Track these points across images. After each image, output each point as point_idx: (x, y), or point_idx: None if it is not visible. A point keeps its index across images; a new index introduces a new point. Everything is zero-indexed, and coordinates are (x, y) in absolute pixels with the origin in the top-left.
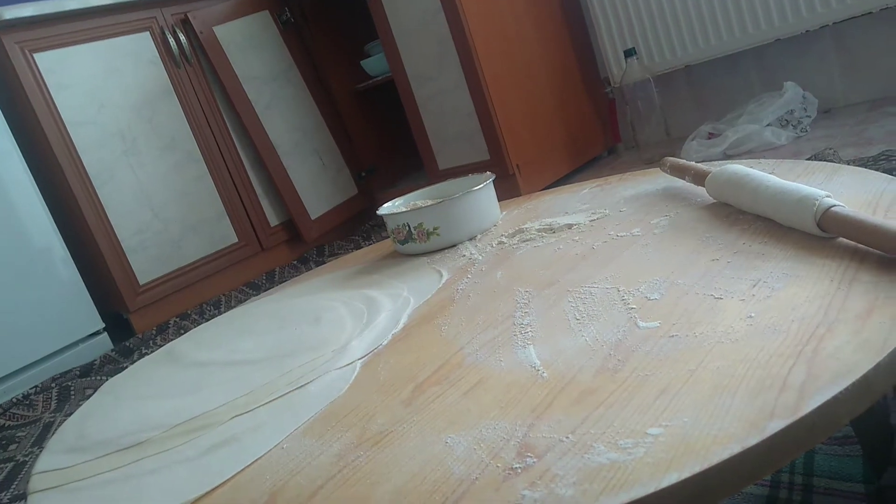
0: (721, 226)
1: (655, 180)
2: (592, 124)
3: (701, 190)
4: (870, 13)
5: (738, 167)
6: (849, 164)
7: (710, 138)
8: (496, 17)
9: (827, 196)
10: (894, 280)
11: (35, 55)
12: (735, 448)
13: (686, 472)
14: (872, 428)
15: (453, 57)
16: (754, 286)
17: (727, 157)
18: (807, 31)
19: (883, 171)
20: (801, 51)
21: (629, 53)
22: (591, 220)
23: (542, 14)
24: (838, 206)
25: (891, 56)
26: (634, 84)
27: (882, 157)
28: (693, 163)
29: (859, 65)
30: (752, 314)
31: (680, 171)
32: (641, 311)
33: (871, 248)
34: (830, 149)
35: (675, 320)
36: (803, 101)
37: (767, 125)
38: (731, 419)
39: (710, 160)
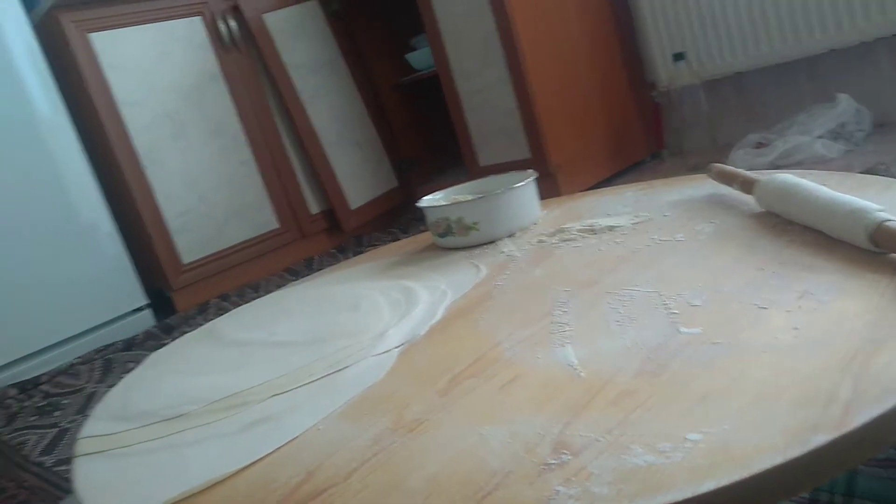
0: (768, 235)
1: (701, 186)
2: (636, 128)
3: (748, 198)
4: None
5: (788, 176)
6: None
7: (757, 148)
8: (544, 15)
9: (881, 210)
10: None
11: (90, 35)
12: (777, 459)
13: (724, 480)
14: None
15: (498, 53)
16: (801, 298)
17: (775, 167)
18: (862, 42)
19: None
20: (855, 62)
21: (678, 57)
22: (633, 223)
23: (590, 14)
24: (892, 220)
25: None
26: (682, 89)
27: None
28: (742, 170)
29: None
30: (798, 326)
31: (727, 178)
32: (683, 317)
33: None
34: (883, 164)
35: (718, 328)
36: (856, 114)
37: (818, 137)
38: (773, 430)
39: (758, 169)
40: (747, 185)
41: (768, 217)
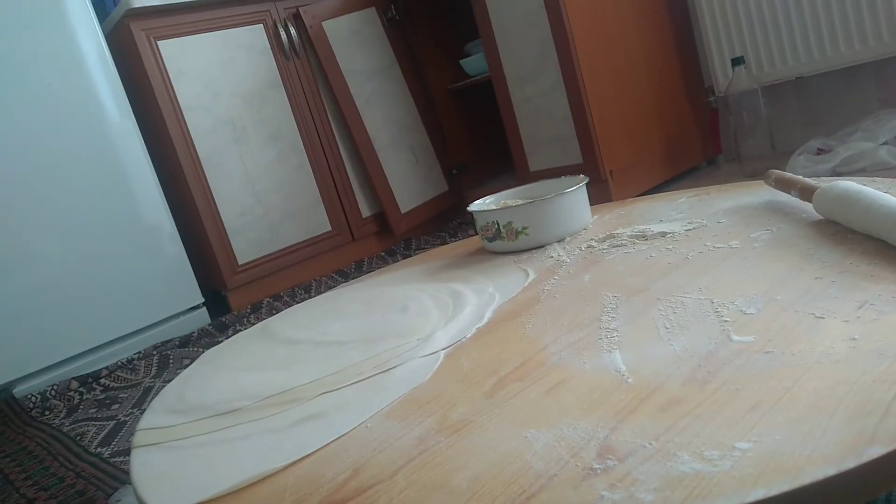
0: (827, 243)
1: (758, 193)
2: (692, 133)
3: (807, 206)
4: None
5: (849, 184)
6: None
7: (818, 154)
8: (599, 19)
9: None
10: None
11: (159, 42)
12: (830, 470)
13: (774, 490)
14: None
15: (553, 59)
16: (860, 308)
17: (837, 174)
18: None
19: None
20: None
21: (737, 62)
22: (686, 230)
23: (647, 18)
24: None
25: None
26: (740, 94)
27: None
28: (801, 177)
29: None
30: (856, 336)
31: (786, 185)
32: (736, 325)
33: None
34: None
35: (772, 336)
36: None
37: (884, 143)
38: (826, 441)
39: (818, 176)
40: (806, 192)
41: (828, 225)
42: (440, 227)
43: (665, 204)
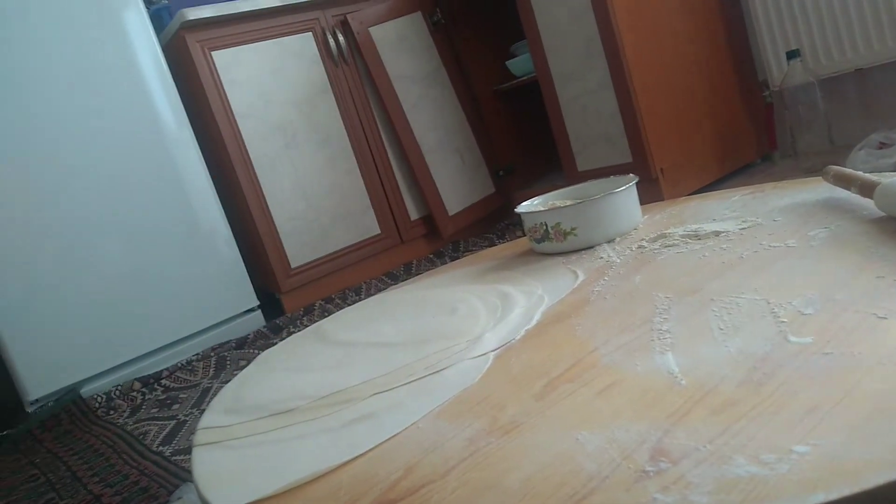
0: (889, 241)
1: (815, 190)
2: (746, 129)
3: (868, 202)
4: None
5: None
6: None
7: (880, 148)
8: (647, 13)
9: None
10: None
11: (212, 53)
12: (892, 475)
13: (834, 494)
14: None
15: (600, 57)
16: None
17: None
18: None
19: None
20: None
21: (792, 55)
22: (741, 229)
23: (697, 11)
24: None
25: None
26: (796, 87)
27: None
28: (861, 173)
29: None
30: None
31: (845, 181)
32: (793, 326)
33: None
34: None
35: (831, 337)
36: None
37: None
38: (888, 445)
39: (880, 171)
40: (867, 189)
41: (889, 222)
42: (488, 228)
43: (718, 202)
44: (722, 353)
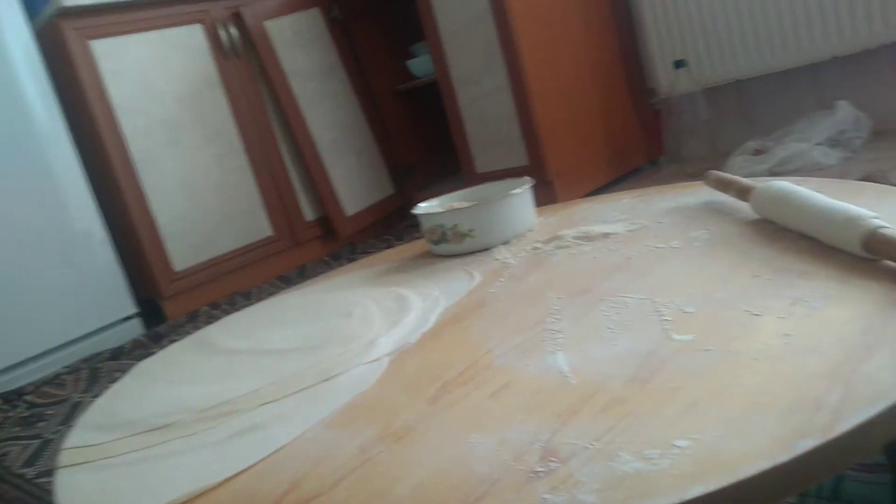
0: (763, 242)
1: (697, 194)
2: (635, 135)
3: (744, 205)
4: None
5: (784, 183)
6: None
7: (756, 155)
8: (544, 22)
9: (874, 217)
10: None
11: (92, 42)
12: (764, 464)
13: (712, 486)
14: None
15: (498, 60)
16: (794, 305)
17: (773, 174)
18: (865, 49)
19: None
20: (857, 70)
21: (679, 64)
22: (629, 231)
23: (591, 21)
24: (886, 227)
25: None
26: (682, 96)
27: None
28: (738, 178)
29: None
30: (790, 333)
31: (724, 185)
32: (676, 324)
33: None
34: (880, 171)
35: (710, 334)
36: (856, 122)
37: (817, 144)
38: (762, 436)
39: (756, 176)
40: (743, 193)
41: (764, 224)
42: (387, 230)
43: (608, 205)
44: (610, 352)
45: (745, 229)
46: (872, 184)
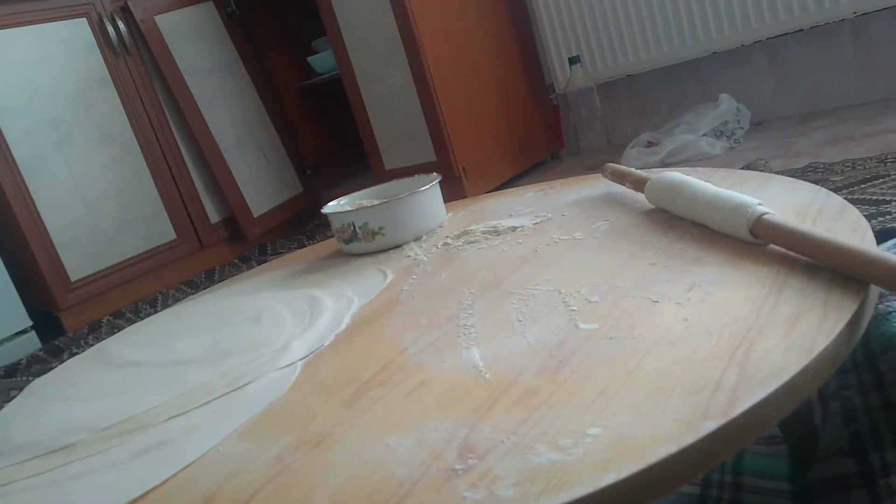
0: (658, 231)
1: (596, 186)
2: (537, 130)
3: (640, 196)
4: (801, 30)
5: (675, 175)
6: (779, 174)
7: (648, 147)
8: (444, 18)
9: (759, 204)
10: (821, 286)
11: None
12: (671, 448)
13: (624, 472)
14: (798, 428)
15: (401, 57)
16: (690, 290)
17: (665, 165)
18: (742, 45)
19: (810, 182)
20: (736, 64)
21: (573, 61)
22: (534, 224)
23: (489, 20)
24: (770, 213)
25: (820, 71)
26: (578, 91)
27: (809, 169)
28: (633, 169)
29: (791, 79)
30: (688, 317)
31: (620, 178)
32: (582, 313)
33: (799, 255)
34: (762, 159)
35: (614, 322)
36: (737, 113)
37: (703, 135)
38: (667, 420)
39: (649, 167)
40: (638, 184)
41: (658, 214)
42: (297, 229)
43: (514, 199)
44: (522, 344)
45: (642, 219)
46: (755, 172)
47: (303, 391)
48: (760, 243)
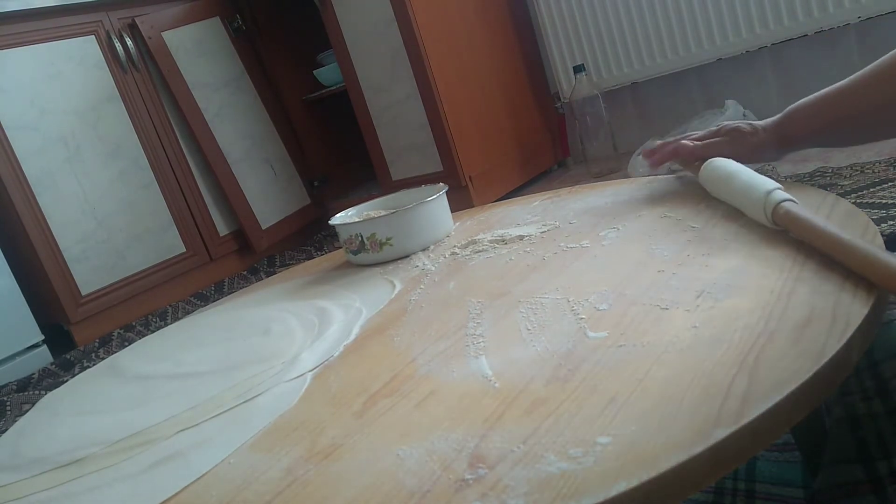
0: (666, 239)
1: (603, 193)
2: (543, 138)
3: (646, 202)
4: (805, 35)
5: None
6: (787, 179)
7: None
8: (449, 29)
9: (780, 190)
10: (831, 291)
11: None
12: (682, 456)
13: (635, 481)
14: (810, 434)
15: (406, 68)
16: (699, 297)
17: (671, 171)
18: (747, 51)
19: (818, 187)
20: (741, 70)
21: (578, 69)
22: (542, 232)
23: (493, 29)
24: (789, 201)
25: (824, 77)
26: (583, 99)
27: (817, 174)
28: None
29: (795, 84)
30: (697, 324)
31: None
32: (591, 322)
33: (813, 246)
34: (769, 165)
35: (623, 330)
36: (743, 119)
37: None
38: (677, 427)
39: (655, 176)
40: (688, 163)
41: (666, 221)
42: (305, 241)
43: (521, 207)
44: (530, 353)
45: (649, 226)
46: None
47: (313, 402)
48: (781, 229)
